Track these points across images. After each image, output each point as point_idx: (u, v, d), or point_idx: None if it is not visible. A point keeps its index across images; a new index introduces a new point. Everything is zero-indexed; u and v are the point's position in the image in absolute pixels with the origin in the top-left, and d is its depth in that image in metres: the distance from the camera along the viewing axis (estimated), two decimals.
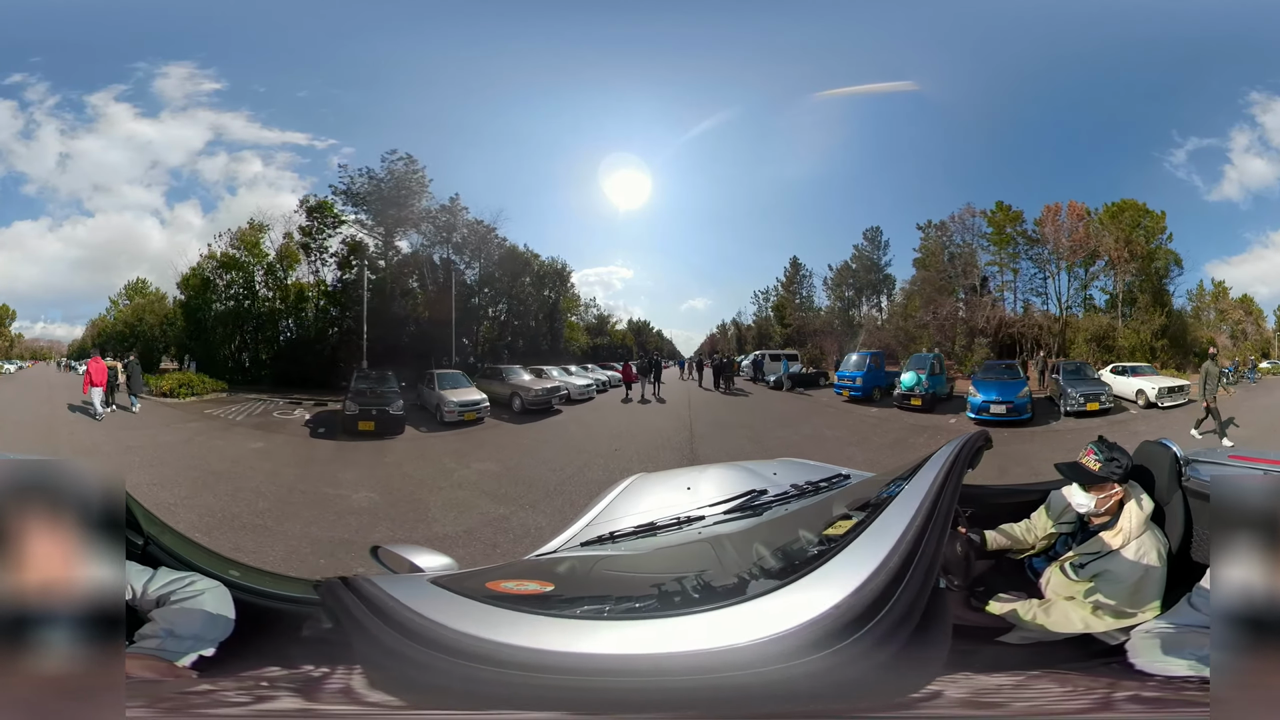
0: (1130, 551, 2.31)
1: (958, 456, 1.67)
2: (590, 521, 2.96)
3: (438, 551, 2.01)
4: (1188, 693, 1.33)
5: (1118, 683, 1.34)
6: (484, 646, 1.08)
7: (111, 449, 10.47)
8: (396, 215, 18.57)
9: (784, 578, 1.18)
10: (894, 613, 1.01)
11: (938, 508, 1.32)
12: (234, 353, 17.91)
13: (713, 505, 2.46)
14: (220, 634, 1.83)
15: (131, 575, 1.92)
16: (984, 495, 2.90)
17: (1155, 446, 2.67)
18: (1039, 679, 1.26)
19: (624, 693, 1.01)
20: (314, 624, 1.54)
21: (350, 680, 1.18)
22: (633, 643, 1.08)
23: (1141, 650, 1.60)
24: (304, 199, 17.87)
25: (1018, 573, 2.74)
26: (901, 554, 1.12)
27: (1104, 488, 2.42)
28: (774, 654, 0.97)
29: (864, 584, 1.05)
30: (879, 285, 22.55)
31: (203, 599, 1.89)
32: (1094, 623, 2.20)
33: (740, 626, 1.03)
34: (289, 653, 1.68)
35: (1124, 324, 16.92)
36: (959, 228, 19.93)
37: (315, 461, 10.82)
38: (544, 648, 1.07)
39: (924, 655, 1.04)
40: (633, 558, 2.09)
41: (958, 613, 2.28)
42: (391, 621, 1.20)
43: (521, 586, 1.54)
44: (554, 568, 2.10)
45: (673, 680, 0.99)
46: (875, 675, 0.97)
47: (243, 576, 2.19)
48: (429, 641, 1.12)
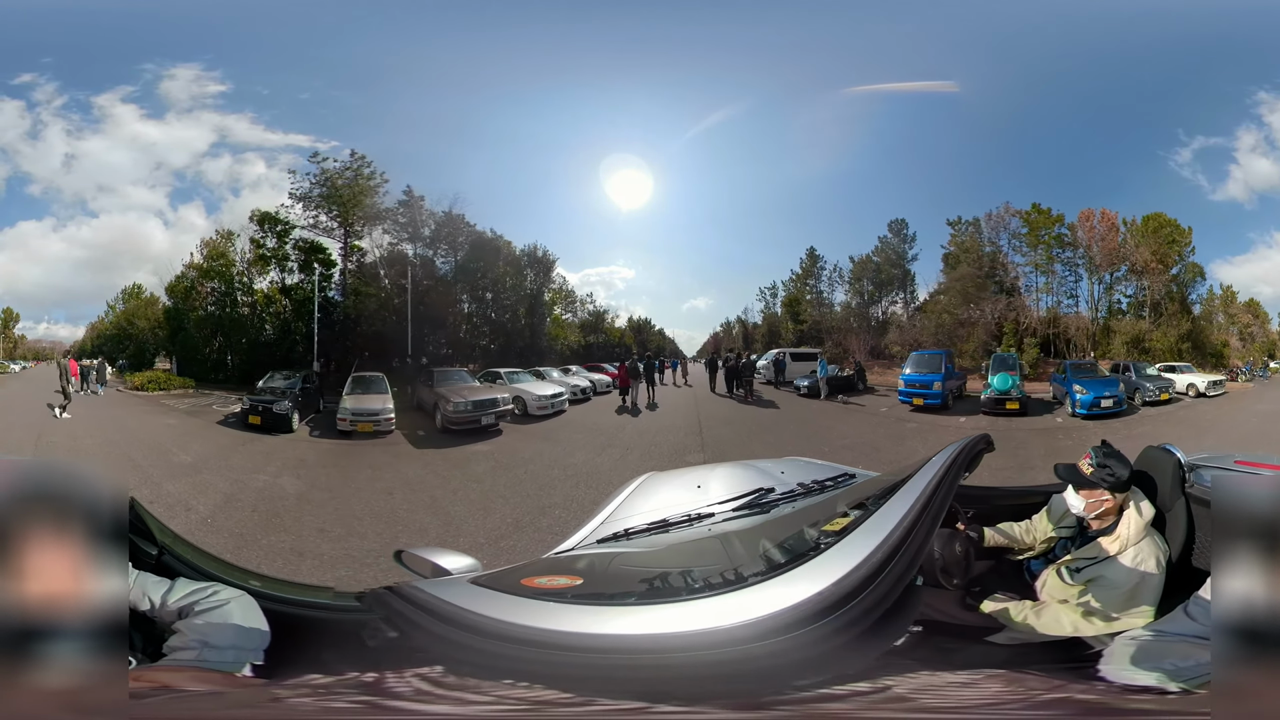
0: (1127, 558, 2.32)
1: (956, 459, 1.71)
2: (605, 519, 3.04)
3: (460, 552, 2.05)
4: (1136, 702, 1.29)
5: (1064, 685, 1.31)
6: (524, 633, 1.23)
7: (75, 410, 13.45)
8: (351, 215, 18.51)
9: (781, 570, 1.29)
10: (864, 603, 1.13)
11: (928, 509, 1.39)
12: (212, 354, 18.55)
13: (722, 503, 2.53)
14: (260, 642, 1.81)
15: (149, 586, 1.89)
16: (987, 496, 2.92)
17: (1158, 452, 2.65)
18: (992, 678, 1.26)
19: (639, 668, 1.14)
20: (374, 632, 1.52)
21: (413, 680, 1.21)
22: (647, 625, 1.22)
23: (1115, 657, 1.57)
24: (252, 212, 18.33)
25: (1016, 574, 2.77)
26: (885, 551, 1.22)
27: (1093, 492, 2.43)
28: (755, 634, 1.11)
29: (845, 576, 1.17)
30: (901, 280, 21.79)
31: (229, 609, 1.86)
32: (1083, 626, 2.22)
33: (733, 610, 1.16)
34: (328, 657, 1.69)
35: (1157, 329, 18.00)
36: (993, 226, 19.70)
37: (192, 437, 12.69)
38: (577, 630, 1.22)
39: (876, 643, 1.14)
40: (647, 554, 2.15)
41: (951, 611, 2.31)
42: (454, 622, 1.33)
43: (553, 581, 1.64)
44: (575, 564, 2.17)
45: (674, 656, 1.14)
46: (830, 655, 1.09)
47: (264, 586, 2.18)
48: (493, 635, 1.26)
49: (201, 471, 10.29)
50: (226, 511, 8.52)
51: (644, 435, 13.29)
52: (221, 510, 8.55)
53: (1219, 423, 13.54)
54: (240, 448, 12.04)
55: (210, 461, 10.91)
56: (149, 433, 12.98)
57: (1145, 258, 18.21)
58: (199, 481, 9.70)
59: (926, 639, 1.79)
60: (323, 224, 18.53)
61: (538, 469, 10.75)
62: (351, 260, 18.94)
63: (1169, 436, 10.61)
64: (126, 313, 20.34)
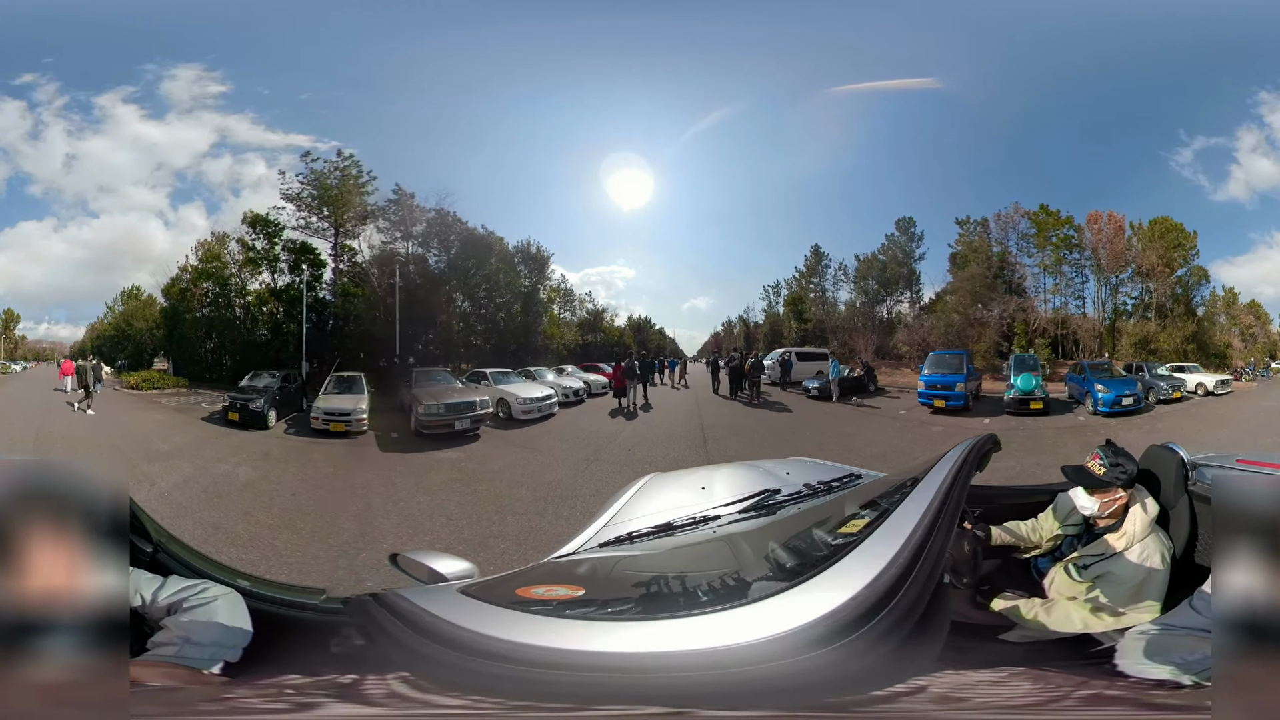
0: (1134, 554, 2.35)
1: (966, 458, 1.71)
2: (608, 522, 3.00)
3: (457, 557, 2.02)
4: (1154, 696, 1.31)
5: (1088, 681, 1.33)
6: (509, 649, 1.16)
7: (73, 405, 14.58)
8: (341, 215, 18.49)
9: (797, 577, 1.25)
10: (897, 610, 1.08)
11: (945, 508, 1.37)
12: (207, 354, 18.84)
13: (727, 505, 2.49)
14: (240, 641, 1.80)
15: (141, 583, 1.89)
16: (994, 496, 2.93)
17: (1162, 450, 2.68)
18: (1017, 676, 1.28)
19: (633, 688, 1.09)
20: (344, 639, 1.55)
21: (386, 685, 1.19)
22: (648, 641, 1.16)
23: (1128, 651, 1.59)
24: (244, 214, 18.32)
25: (1023, 572, 2.78)
26: (909, 553, 1.19)
27: (1108, 492, 2.46)
28: (778, 651, 1.05)
29: (872, 582, 1.13)
30: (907, 280, 21.69)
31: (216, 606, 1.86)
32: (1093, 623, 2.24)
33: (750, 625, 1.10)
34: (306, 659, 1.70)
35: (1163, 330, 18.76)
36: (1002, 226, 19.78)
37: (175, 430, 13.46)
38: (566, 647, 1.15)
39: (920, 650, 1.11)
40: (651, 557, 2.11)
41: (962, 610, 2.32)
42: (430, 634, 1.28)
43: (552, 592, 1.58)
44: (576, 569, 2.13)
45: (683, 676, 1.07)
46: (871, 669, 1.04)
47: (253, 586, 2.17)
48: (471, 651, 1.20)
49: (174, 458, 11.04)
50: (182, 489, 9.50)
51: (639, 446, 12.20)
52: (178, 488, 9.55)
53: (1231, 417, 14.06)
54: (215, 440, 12.63)
55: (184, 450, 11.67)
56: (137, 426, 13.77)
57: (1152, 261, 18.65)
58: (169, 465, 10.61)
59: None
60: (314, 225, 18.58)
61: (502, 486, 9.75)
62: (343, 260, 19.02)
63: (1189, 430, 12.27)
64: (125, 314, 20.46)
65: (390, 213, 19.44)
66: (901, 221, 21.59)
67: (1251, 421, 13.72)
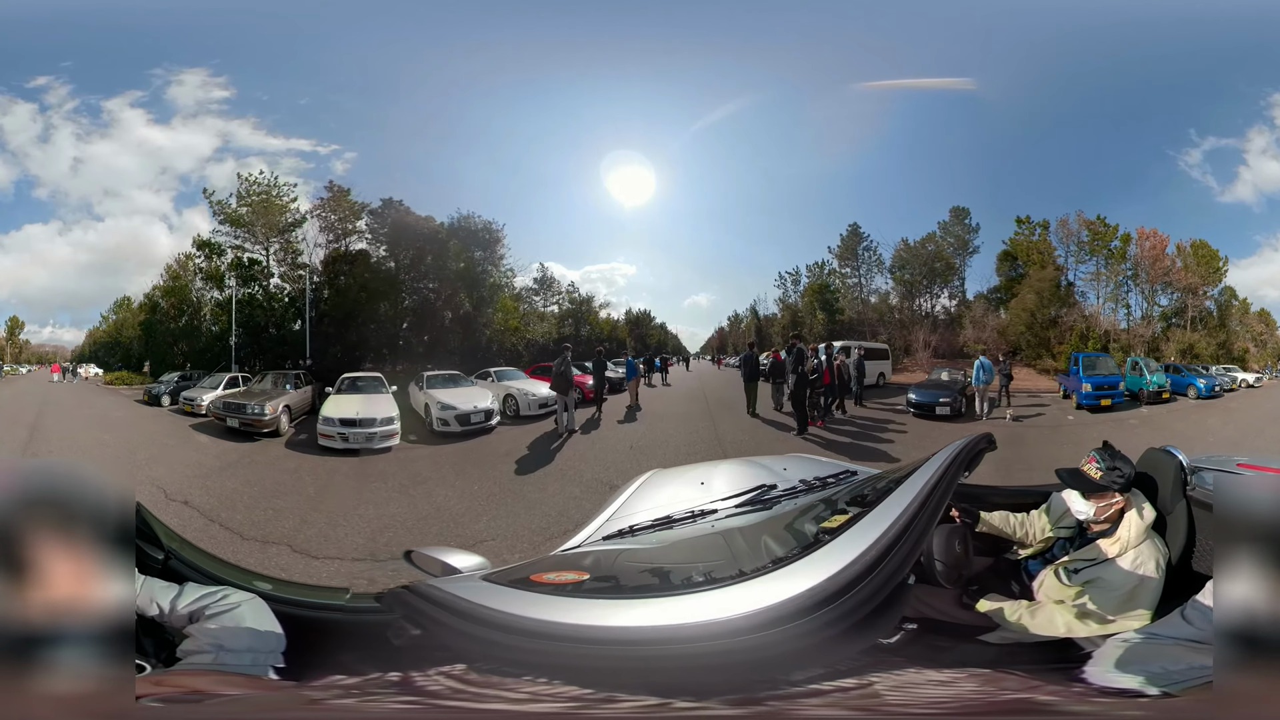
0: (1126, 561, 2.31)
1: (956, 458, 1.72)
2: (610, 516, 3.09)
3: (468, 551, 2.07)
4: (1104, 705, 1.26)
5: (1038, 686, 1.29)
6: (544, 627, 1.27)
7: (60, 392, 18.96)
8: (269, 228, 19.09)
9: (780, 565, 1.32)
10: (849, 603, 1.15)
11: (925, 507, 1.40)
12: (177, 360, 20.22)
13: (725, 499, 2.55)
14: (276, 645, 1.79)
15: (157, 591, 1.87)
16: (986, 495, 2.93)
17: (1161, 454, 2.62)
18: (974, 678, 1.27)
19: (647, 659, 1.19)
20: (396, 632, 1.51)
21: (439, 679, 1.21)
22: (653, 617, 1.25)
23: (1102, 659, 1.52)
24: (195, 237, 19.74)
25: (1014, 574, 2.77)
26: (880, 548, 1.25)
27: (1104, 496, 2.42)
28: (751, 625, 1.14)
29: (839, 571, 1.20)
30: (946, 274, 21.33)
31: (241, 612, 1.83)
32: (1077, 627, 2.21)
33: (734, 603, 1.19)
34: (352, 657, 1.69)
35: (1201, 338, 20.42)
36: (1065, 232, 20.32)
37: (117, 407, 16.90)
38: (586, 623, 1.26)
39: (855, 642, 1.16)
40: (651, 549, 2.17)
41: (947, 609, 2.31)
42: (472, 618, 1.37)
43: (561, 577, 1.68)
44: (582, 560, 2.18)
45: (679, 648, 1.17)
46: (817, 648, 1.12)
47: (275, 589, 2.16)
48: (509, 630, 1.30)
49: (107, 416, 15.65)
50: (87, 430, 13.87)
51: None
52: (89, 427, 14.23)
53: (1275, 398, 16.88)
54: (128, 410, 16.46)
55: (110, 413, 16.04)
56: (102, 404, 17.78)
57: (1192, 279, 20.40)
58: (102, 420, 15.24)
59: (920, 636, 1.79)
60: (247, 241, 19.67)
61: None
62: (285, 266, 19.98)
63: (1259, 406, 15.82)
64: (117, 323, 22.16)
65: (323, 213, 19.52)
66: (957, 210, 21.27)
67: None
